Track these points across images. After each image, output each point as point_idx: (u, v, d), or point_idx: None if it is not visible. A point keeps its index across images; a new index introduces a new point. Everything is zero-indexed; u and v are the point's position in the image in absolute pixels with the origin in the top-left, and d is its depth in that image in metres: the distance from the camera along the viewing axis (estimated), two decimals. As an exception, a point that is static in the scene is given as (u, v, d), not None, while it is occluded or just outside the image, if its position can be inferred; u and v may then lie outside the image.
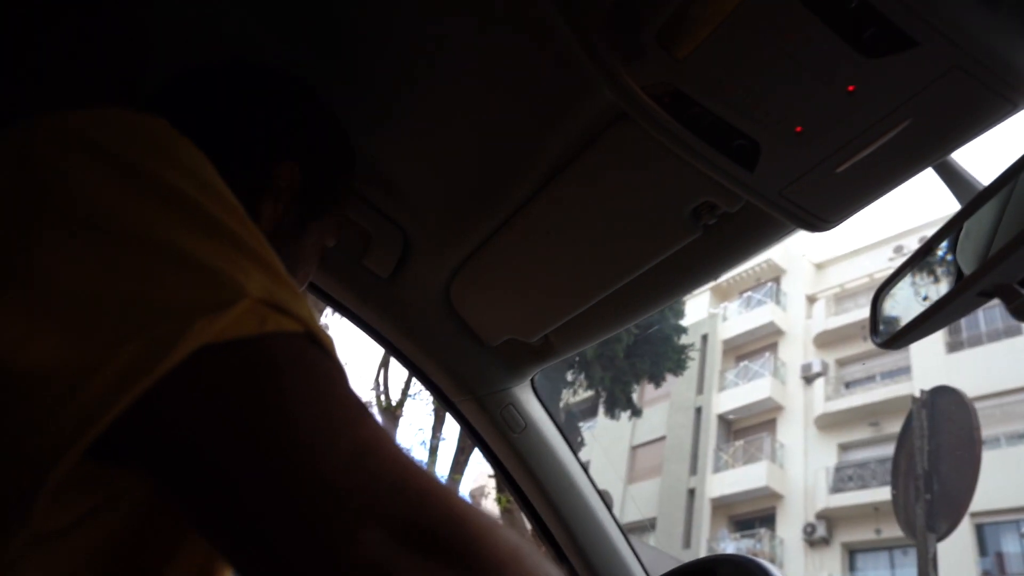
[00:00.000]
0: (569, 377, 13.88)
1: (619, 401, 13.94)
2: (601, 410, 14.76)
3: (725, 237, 0.87)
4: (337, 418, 0.38)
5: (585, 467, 1.24)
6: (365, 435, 0.38)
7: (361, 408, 0.40)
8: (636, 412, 14.74)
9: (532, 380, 1.24)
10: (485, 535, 0.37)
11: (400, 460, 0.38)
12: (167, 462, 0.37)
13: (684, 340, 13.95)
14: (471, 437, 1.26)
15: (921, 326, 0.67)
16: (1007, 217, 0.61)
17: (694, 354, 16.58)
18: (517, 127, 0.87)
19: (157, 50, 0.84)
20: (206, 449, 0.36)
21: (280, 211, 0.72)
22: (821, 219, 0.73)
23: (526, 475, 1.21)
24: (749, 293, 22.38)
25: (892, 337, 0.71)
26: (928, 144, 0.63)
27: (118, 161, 0.42)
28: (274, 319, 0.39)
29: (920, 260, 0.70)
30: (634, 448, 20.87)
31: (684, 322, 14.24)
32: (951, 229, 0.67)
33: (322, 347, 0.41)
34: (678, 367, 14.33)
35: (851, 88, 0.59)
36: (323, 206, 0.79)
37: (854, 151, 0.64)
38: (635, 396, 14.07)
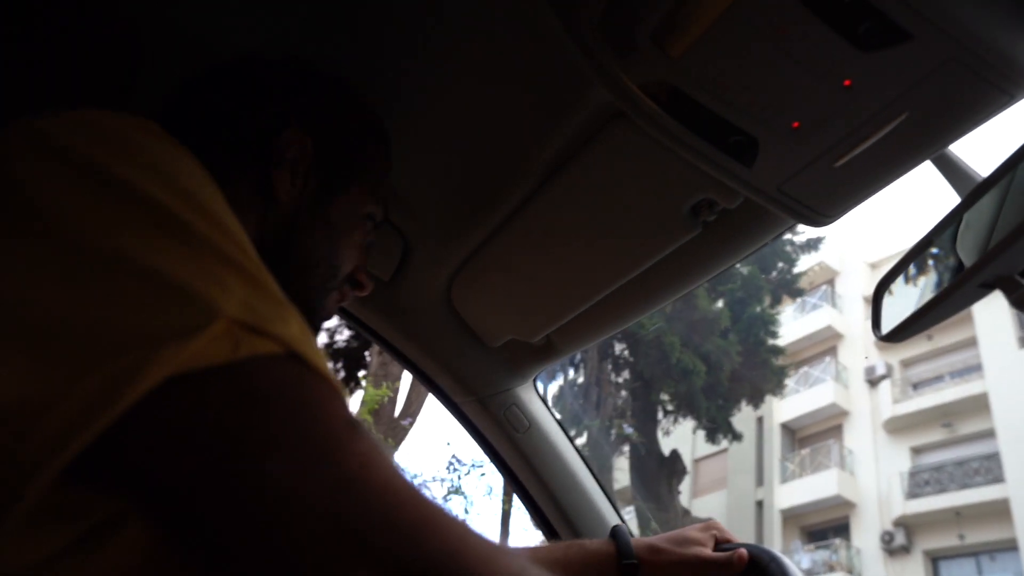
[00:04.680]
0: (668, 407, 13.52)
1: (722, 427, 13.64)
2: (665, 426, 14.41)
3: (725, 233, 0.87)
4: (319, 448, 0.36)
5: (590, 465, 1.24)
6: (351, 463, 0.36)
7: (350, 430, 0.37)
8: (737, 436, 14.33)
9: (534, 380, 1.24)
10: (485, 566, 0.36)
11: (391, 487, 0.36)
12: (142, 496, 0.35)
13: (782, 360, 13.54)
14: (475, 438, 1.26)
15: (923, 318, 0.67)
16: (1007, 208, 0.60)
17: (792, 372, 16.02)
18: (514, 127, 0.87)
19: (153, 54, 0.83)
20: (177, 487, 0.34)
21: (299, 184, 0.68)
22: (820, 214, 0.73)
23: (531, 475, 1.21)
24: (803, 297, 21.24)
25: (894, 330, 0.71)
26: (926, 137, 0.63)
27: (83, 167, 0.39)
28: (248, 342, 0.36)
29: (921, 253, 0.70)
30: (696, 461, 20.11)
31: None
32: (951, 221, 0.67)
33: (307, 365, 0.39)
34: (778, 388, 14.09)
35: (847, 83, 0.59)
36: (346, 176, 0.73)
37: (852, 145, 0.64)
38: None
